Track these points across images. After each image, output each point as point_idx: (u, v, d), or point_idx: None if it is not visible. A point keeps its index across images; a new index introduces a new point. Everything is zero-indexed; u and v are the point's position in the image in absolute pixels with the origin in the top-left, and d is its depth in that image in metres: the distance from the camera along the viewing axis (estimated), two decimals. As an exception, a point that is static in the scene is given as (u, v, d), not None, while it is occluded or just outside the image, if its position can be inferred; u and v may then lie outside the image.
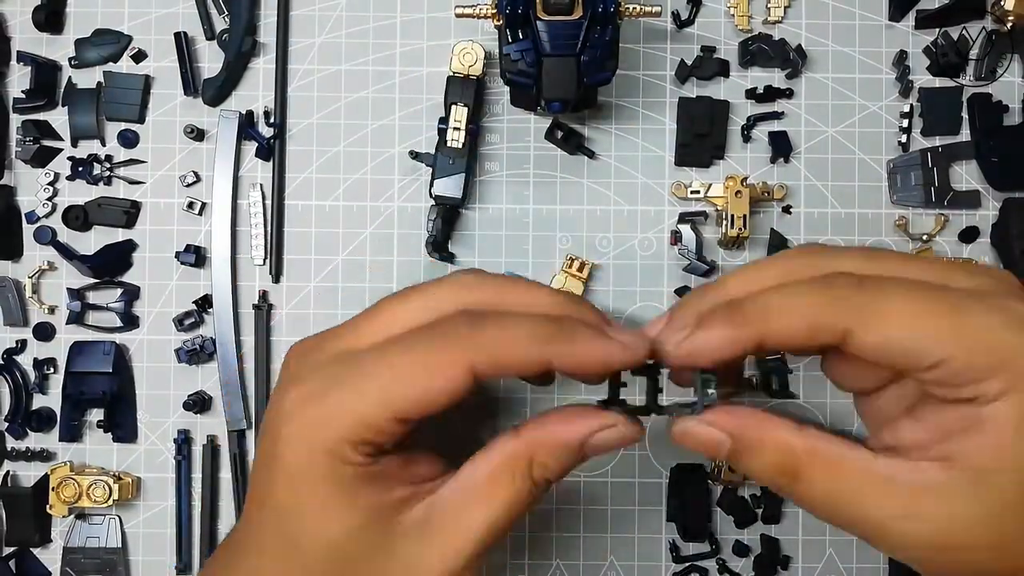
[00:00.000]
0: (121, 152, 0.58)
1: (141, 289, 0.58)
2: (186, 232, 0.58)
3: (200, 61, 0.58)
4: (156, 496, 0.57)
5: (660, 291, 0.58)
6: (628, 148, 0.58)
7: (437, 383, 0.33)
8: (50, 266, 0.58)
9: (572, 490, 0.57)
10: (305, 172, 0.58)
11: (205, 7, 0.58)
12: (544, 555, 0.57)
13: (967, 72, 0.58)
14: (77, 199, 0.58)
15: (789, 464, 0.33)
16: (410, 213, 0.58)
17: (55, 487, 0.55)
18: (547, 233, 0.58)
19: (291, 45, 0.58)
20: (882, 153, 0.58)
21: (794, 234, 0.58)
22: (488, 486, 0.34)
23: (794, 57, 0.57)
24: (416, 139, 0.58)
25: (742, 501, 0.57)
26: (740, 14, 0.58)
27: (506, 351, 0.33)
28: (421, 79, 0.58)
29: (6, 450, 0.57)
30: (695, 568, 0.57)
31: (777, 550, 0.57)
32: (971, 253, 0.57)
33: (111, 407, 0.56)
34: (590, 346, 0.33)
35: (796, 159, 0.58)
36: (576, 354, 0.33)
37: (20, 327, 0.58)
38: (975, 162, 0.58)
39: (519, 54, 0.49)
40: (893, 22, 0.58)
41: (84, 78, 0.58)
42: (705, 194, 0.57)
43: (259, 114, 0.58)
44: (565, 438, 0.34)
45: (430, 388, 0.33)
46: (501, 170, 0.58)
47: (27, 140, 0.57)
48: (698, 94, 0.58)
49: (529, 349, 0.33)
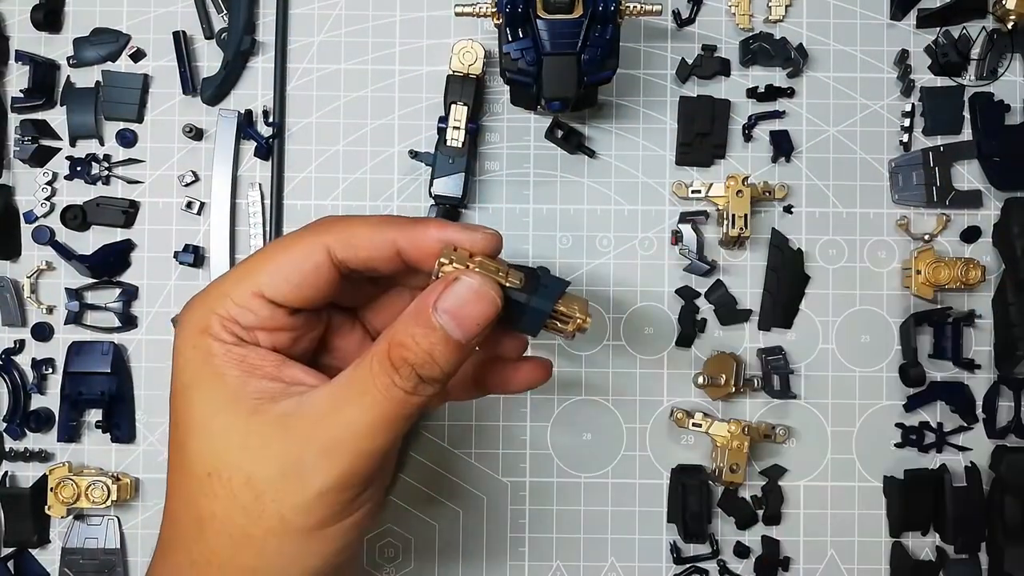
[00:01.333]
0: (120, 151, 0.58)
1: (140, 289, 0.58)
2: (185, 232, 0.58)
3: (199, 60, 0.58)
4: (155, 496, 0.57)
5: (660, 291, 0.57)
6: (629, 147, 0.58)
7: (293, 259, 0.35)
8: (48, 266, 0.58)
9: (572, 491, 0.57)
10: (304, 171, 0.58)
11: (204, 6, 0.58)
12: (545, 556, 0.57)
13: (968, 71, 0.58)
14: (75, 199, 0.58)
15: None
16: (410, 213, 0.58)
17: (54, 488, 0.54)
18: (547, 233, 0.58)
19: (290, 44, 0.58)
20: (883, 152, 0.58)
21: (795, 233, 0.58)
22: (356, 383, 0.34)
23: (795, 56, 0.57)
24: (416, 138, 0.58)
25: (743, 502, 0.57)
26: (741, 13, 0.58)
27: (357, 231, 0.36)
28: (421, 78, 0.58)
29: (4, 451, 0.57)
30: (696, 569, 0.57)
31: (778, 551, 0.56)
32: (973, 252, 0.57)
33: (110, 407, 0.56)
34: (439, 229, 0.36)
35: (797, 158, 0.58)
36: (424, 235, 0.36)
37: (18, 327, 0.57)
38: (976, 161, 0.57)
39: (519, 53, 0.49)
40: (894, 21, 0.58)
41: (82, 77, 0.58)
42: (706, 193, 0.56)
43: (258, 113, 0.58)
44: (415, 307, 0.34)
45: (287, 265, 0.35)
46: (501, 169, 0.58)
47: (25, 139, 0.57)
48: (699, 93, 0.58)
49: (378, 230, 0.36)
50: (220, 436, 0.34)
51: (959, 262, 0.55)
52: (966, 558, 0.56)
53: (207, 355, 0.35)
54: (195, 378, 0.35)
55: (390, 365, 0.33)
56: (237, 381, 0.34)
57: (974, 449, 0.57)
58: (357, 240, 0.36)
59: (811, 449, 0.57)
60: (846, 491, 0.57)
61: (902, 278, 0.57)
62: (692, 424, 0.55)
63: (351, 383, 0.34)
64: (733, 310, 0.57)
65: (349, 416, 0.33)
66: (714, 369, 0.56)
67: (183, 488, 0.35)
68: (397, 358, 0.33)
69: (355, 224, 0.36)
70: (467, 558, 0.57)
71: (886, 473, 0.57)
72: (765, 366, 0.57)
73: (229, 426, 0.34)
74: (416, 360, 0.33)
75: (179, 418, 0.35)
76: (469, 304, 0.34)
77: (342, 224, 0.36)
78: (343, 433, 0.33)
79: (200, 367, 0.35)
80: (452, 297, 0.34)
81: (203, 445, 0.34)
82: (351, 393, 0.34)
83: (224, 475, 0.33)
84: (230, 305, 0.35)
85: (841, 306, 0.57)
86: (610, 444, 0.57)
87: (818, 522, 0.57)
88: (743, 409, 0.57)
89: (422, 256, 0.36)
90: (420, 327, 0.33)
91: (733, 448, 0.54)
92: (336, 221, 0.37)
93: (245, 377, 0.35)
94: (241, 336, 0.35)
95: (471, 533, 0.57)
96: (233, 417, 0.34)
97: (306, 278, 0.35)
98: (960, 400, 0.57)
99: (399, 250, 0.36)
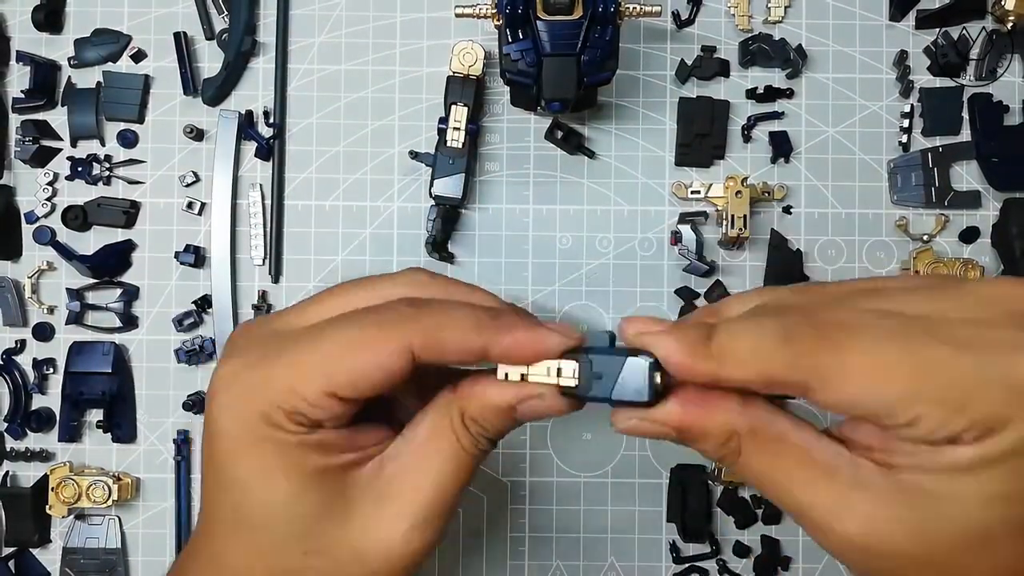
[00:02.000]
0: (120, 152, 0.58)
1: (140, 289, 0.58)
2: (185, 232, 0.58)
3: (200, 61, 0.58)
4: (155, 496, 0.57)
5: (660, 291, 0.58)
6: (628, 148, 0.58)
7: (372, 360, 0.33)
8: (49, 266, 0.58)
9: (572, 490, 0.57)
10: (305, 172, 0.58)
11: (205, 7, 0.58)
12: (544, 556, 0.57)
13: (967, 72, 0.58)
14: (76, 199, 0.58)
15: (733, 444, 0.33)
16: (410, 213, 0.58)
17: (55, 487, 0.55)
18: (547, 233, 0.58)
19: (291, 45, 0.58)
20: (882, 153, 0.58)
21: (794, 234, 0.58)
22: (430, 440, 0.35)
23: (794, 57, 0.57)
24: (416, 139, 0.58)
25: (743, 501, 0.57)
26: (740, 14, 0.58)
27: (444, 333, 0.33)
28: (421, 79, 0.58)
29: (5, 450, 0.57)
30: (695, 569, 0.57)
31: (778, 551, 0.57)
32: (971, 253, 0.57)
33: (110, 407, 0.56)
34: (526, 334, 0.34)
35: (796, 159, 0.58)
36: (512, 340, 0.34)
37: (19, 327, 0.57)
38: (975, 162, 0.58)
39: (519, 54, 0.49)
40: (893, 22, 0.58)
41: (83, 78, 0.58)
42: (705, 194, 0.57)
43: (259, 114, 0.58)
44: (496, 400, 0.34)
45: (365, 365, 0.33)
46: (501, 170, 0.58)
47: (26, 140, 0.57)
48: (698, 94, 0.58)
49: (467, 333, 0.33)
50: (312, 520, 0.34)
51: (958, 263, 0.55)
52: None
53: (277, 443, 0.33)
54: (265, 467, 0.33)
55: (469, 435, 0.35)
56: (318, 466, 0.34)
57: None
58: (444, 343, 0.33)
59: (810, 449, 0.57)
60: (845, 491, 0.57)
61: (901, 278, 0.57)
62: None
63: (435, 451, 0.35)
64: (732, 310, 0.57)
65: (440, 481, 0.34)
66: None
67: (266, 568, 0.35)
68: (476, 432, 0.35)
69: (444, 326, 0.33)
70: (467, 558, 0.57)
71: (885, 473, 0.57)
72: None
73: (321, 509, 0.34)
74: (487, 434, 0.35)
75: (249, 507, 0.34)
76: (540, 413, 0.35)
77: (429, 321, 0.33)
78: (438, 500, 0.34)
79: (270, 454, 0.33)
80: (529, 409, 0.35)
81: (291, 531, 0.34)
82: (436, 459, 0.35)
83: (326, 551, 0.34)
84: (298, 402, 0.33)
85: (840, 306, 0.58)
86: (610, 444, 0.57)
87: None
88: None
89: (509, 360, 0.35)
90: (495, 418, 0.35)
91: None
92: (422, 314, 0.34)
93: (323, 458, 0.34)
94: (308, 425, 0.34)
95: (471, 533, 0.57)
96: (321, 499, 0.34)
97: (382, 380, 0.33)
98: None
99: (486, 357, 0.34)
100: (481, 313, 0.34)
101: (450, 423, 0.35)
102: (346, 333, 0.33)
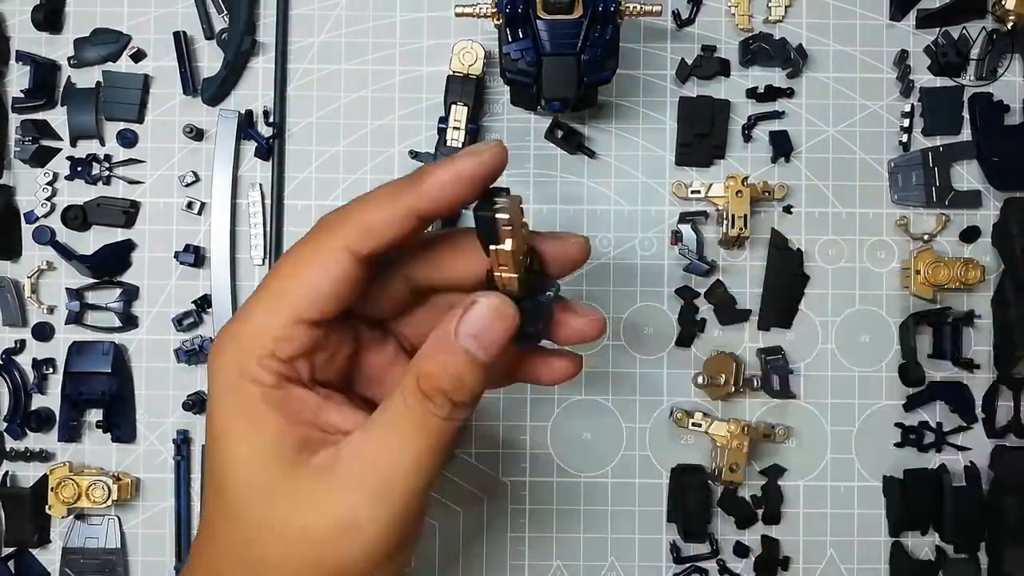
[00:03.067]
0: (120, 152, 0.58)
1: (140, 289, 0.58)
2: (185, 232, 0.58)
3: (199, 60, 0.58)
4: (155, 496, 0.57)
5: (660, 291, 0.58)
6: (628, 148, 0.58)
7: (319, 270, 0.34)
8: (49, 266, 0.58)
9: (572, 491, 0.57)
10: (304, 172, 0.58)
11: (204, 6, 0.58)
12: (544, 556, 0.57)
13: (968, 72, 0.58)
14: (76, 199, 0.58)
15: None
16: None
17: (54, 487, 0.55)
18: (547, 233, 0.58)
19: (290, 44, 0.58)
20: (883, 153, 0.58)
21: (795, 233, 0.58)
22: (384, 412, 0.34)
23: (795, 56, 0.57)
24: (416, 139, 0.58)
25: (742, 502, 0.57)
26: (741, 13, 0.58)
27: (367, 215, 0.34)
28: (421, 79, 0.58)
29: (5, 450, 0.57)
30: (695, 569, 0.57)
31: (777, 551, 0.57)
32: (972, 253, 0.57)
33: (110, 407, 0.56)
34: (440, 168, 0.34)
35: (797, 158, 0.58)
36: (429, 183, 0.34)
37: (19, 327, 0.57)
38: (976, 162, 0.58)
39: (519, 53, 0.49)
40: (894, 22, 0.58)
41: (83, 77, 0.58)
42: (706, 194, 0.56)
43: (258, 114, 0.58)
44: (438, 334, 0.34)
45: (313, 276, 0.34)
46: (501, 170, 0.58)
47: (26, 140, 0.57)
48: (699, 93, 0.58)
49: (386, 203, 0.34)
50: (265, 489, 0.33)
51: (958, 262, 0.55)
52: (965, 558, 0.56)
53: (246, 402, 0.34)
54: (232, 427, 0.34)
55: (423, 396, 0.33)
56: (276, 432, 0.34)
57: (973, 449, 0.57)
58: (374, 227, 0.34)
59: (811, 449, 0.57)
60: (846, 491, 0.57)
61: (901, 278, 0.57)
62: (692, 424, 0.55)
63: (388, 423, 0.34)
64: (733, 310, 0.57)
65: (393, 456, 0.33)
66: (714, 369, 0.56)
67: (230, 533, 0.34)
68: (429, 388, 0.33)
69: (367, 209, 0.34)
70: (467, 558, 0.57)
71: (885, 473, 0.57)
72: (765, 366, 0.57)
73: (273, 479, 0.33)
74: (447, 386, 0.33)
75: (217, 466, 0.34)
76: (490, 325, 0.34)
77: (353, 214, 0.34)
78: (391, 474, 0.33)
79: (238, 416, 0.34)
80: (474, 321, 0.33)
81: (249, 496, 0.34)
82: (390, 433, 0.33)
83: (276, 527, 0.33)
84: (266, 340, 0.34)
85: (841, 306, 0.58)
86: (610, 444, 0.57)
87: (817, 522, 0.57)
88: (743, 409, 0.57)
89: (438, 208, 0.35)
90: (446, 354, 0.33)
91: (733, 448, 0.54)
92: (345, 213, 0.35)
93: (285, 426, 0.34)
94: (281, 372, 0.34)
95: (471, 533, 0.57)
96: (274, 470, 0.33)
97: (337, 286, 0.34)
98: (959, 400, 0.57)
99: (418, 215, 0.34)
100: (399, 180, 0.35)
101: (403, 393, 0.34)
102: (290, 256, 0.35)
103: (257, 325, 0.34)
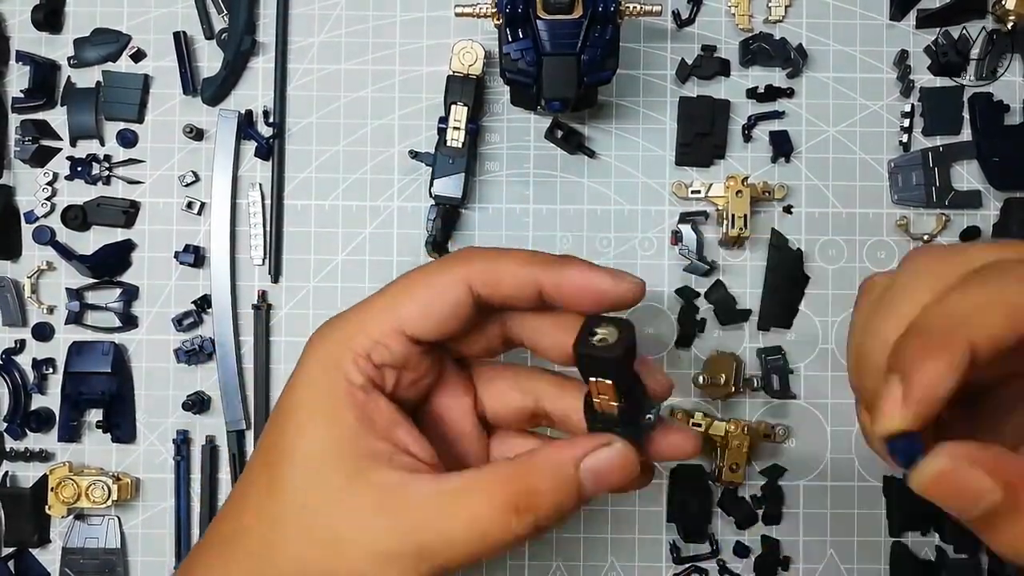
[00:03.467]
0: (120, 152, 0.58)
1: (140, 289, 0.58)
2: (185, 232, 0.58)
3: (199, 60, 0.58)
4: (155, 497, 0.57)
5: (660, 291, 0.57)
6: (628, 147, 0.58)
7: (435, 293, 0.35)
8: (49, 266, 0.58)
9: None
10: (304, 172, 0.58)
11: (204, 6, 0.58)
12: (544, 556, 0.57)
13: (968, 72, 0.58)
14: (76, 199, 0.58)
15: None
16: (410, 213, 0.58)
17: (54, 487, 0.55)
18: (547, 233, 0.58)
19: (290, 44, 0.58)
20: (883, 153, 0.58)
21: (795, 233, 0.58)
22: (470, 502, 0.33)
23: (795, 56, 0.57)
24: (416, 138, 0.58)
25: (743, 502, 0.57)
26: (741, 13, 0.58)
27: (499, 264, 0.35)
28: (421, 78, 0.58)
29: (5, 450, 0.57)
30: (695, 569, 0.57)
31: (778, 551, 0.57)
32: (972, 253, 0.57)
33: (110, 407, 0.56)
34: (581, 271, 0.35)
35: (797, 159, 0.58)
36: (567, 277, 0.35)
37: (19, 327, 0.57)
38: (976, 162, 0.57)
39: (519, 53, 0.49)
40: (894, 21, 0.58)
41: (83, 77, 0.58)
42: (706, 194, 0.56)
43: (258, 113, 0.58)
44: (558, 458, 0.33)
45: (427, 296, 0.35)
46: (501, 170, 0.58)
47: (26, 140, 0.57)
48: (699, 93, 0.58)
49: (520, 266, 0.35)
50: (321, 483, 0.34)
51: (958, 262, 0.55)
52: (966, 558, 0.56)
53: (332, 391, 0.34)
54: (314, 410, 0.34)
55: (513, 509, 0.32)
56: (351, 432, 0.34)
57: (974, 449, 0.57)
58: (501, 276, 0.35)
59: (811, 449, 0.57)
60: (846, 491, 0.57)
61: (902, 278, 0.57)
62: (692, 424, 0.55)
63: (464, 496, 0.33)
64: (733, 310, 0.57)
65: (453, 530, 0.32)
66: (714, 369, 0.56)
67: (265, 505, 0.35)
68: (526, 504, 0.32)
69: (498, 259, 0.36)
70: (467, 558, 0.57)
71: (886, 473, 0.57)
72: (765, 366, 0.57)
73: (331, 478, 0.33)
74: (545, 512, 0.33)
75: (281, 438, 0.35)
76: (615, 471, 0.33)
77: (485, 258, 0.36)
78: (443, 540, 0.32)
79: (323, 400, 0.34)
80: (602, 462, 0.33)
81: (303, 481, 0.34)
82: (460, 509, 0.32)
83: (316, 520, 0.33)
84: (365, 340, 0.35)
85: (841, 306, 0.58)
86: (610, 444, 0.57)
87: (818, 522, 0.57)
88: (743, 409, 0.57)
89: (563, 299, 0.35)
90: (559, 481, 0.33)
91: (733, 448, 0.54)
92: (478, 254, 0.36)
93: (359, 428, 0.34)
94: (370, 375, 0.35)
95: (471, 533, 0.57)
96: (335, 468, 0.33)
97: (446, 313, 0.35)
98: (960, 400, 0.57)
99: (540, 289, 0.35)
100: (536, 252, 0.36)
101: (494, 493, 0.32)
102: (410, 276, 0.37)
103: (362, 324, 0.35)
